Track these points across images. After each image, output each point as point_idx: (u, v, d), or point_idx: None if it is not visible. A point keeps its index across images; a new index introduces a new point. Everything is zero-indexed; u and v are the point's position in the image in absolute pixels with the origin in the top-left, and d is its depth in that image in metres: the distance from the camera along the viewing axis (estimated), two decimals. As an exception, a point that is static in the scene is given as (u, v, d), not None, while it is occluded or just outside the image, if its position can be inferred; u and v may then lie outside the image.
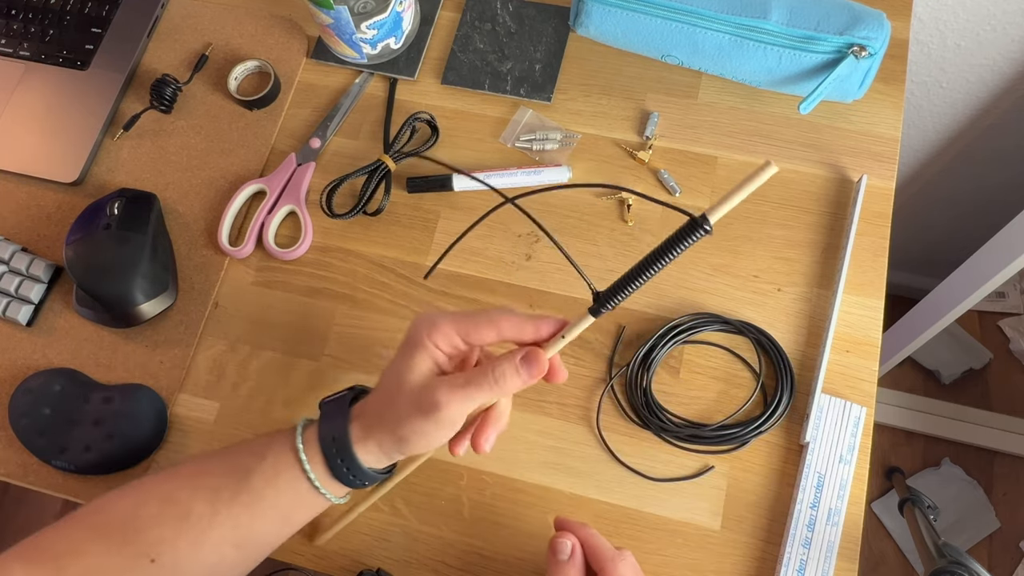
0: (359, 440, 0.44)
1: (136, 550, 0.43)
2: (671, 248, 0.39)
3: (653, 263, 0.40)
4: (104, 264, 0.61)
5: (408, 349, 0.44)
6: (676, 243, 0.39)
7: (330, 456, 0.44)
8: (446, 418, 0.42)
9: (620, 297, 0.42)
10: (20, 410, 0.59)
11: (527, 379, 0.43)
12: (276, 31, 0.73)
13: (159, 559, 0.43)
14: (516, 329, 0.44)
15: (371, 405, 0.45)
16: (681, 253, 0.39)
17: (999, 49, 0.83)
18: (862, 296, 0.60)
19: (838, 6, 0.59)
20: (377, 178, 0.65)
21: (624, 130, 0.67)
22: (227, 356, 0.63)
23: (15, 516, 1.49)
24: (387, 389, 0.45)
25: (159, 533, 0.43)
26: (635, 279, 0.41)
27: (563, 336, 0.43)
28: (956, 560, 0.76)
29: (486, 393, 0.42)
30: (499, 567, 0.56)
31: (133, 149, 0.70)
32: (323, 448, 0.44)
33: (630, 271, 0.41)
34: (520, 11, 0.71)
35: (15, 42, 0.73)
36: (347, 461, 0.44)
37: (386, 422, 0.44)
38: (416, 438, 0.43)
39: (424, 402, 0.42)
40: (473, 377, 0.42)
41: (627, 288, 0.41)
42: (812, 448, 0.55)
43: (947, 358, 1.47)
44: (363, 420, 0.44)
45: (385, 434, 0.44)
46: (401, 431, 0.43)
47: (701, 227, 0.38)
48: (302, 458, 0.44)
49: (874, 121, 0.65)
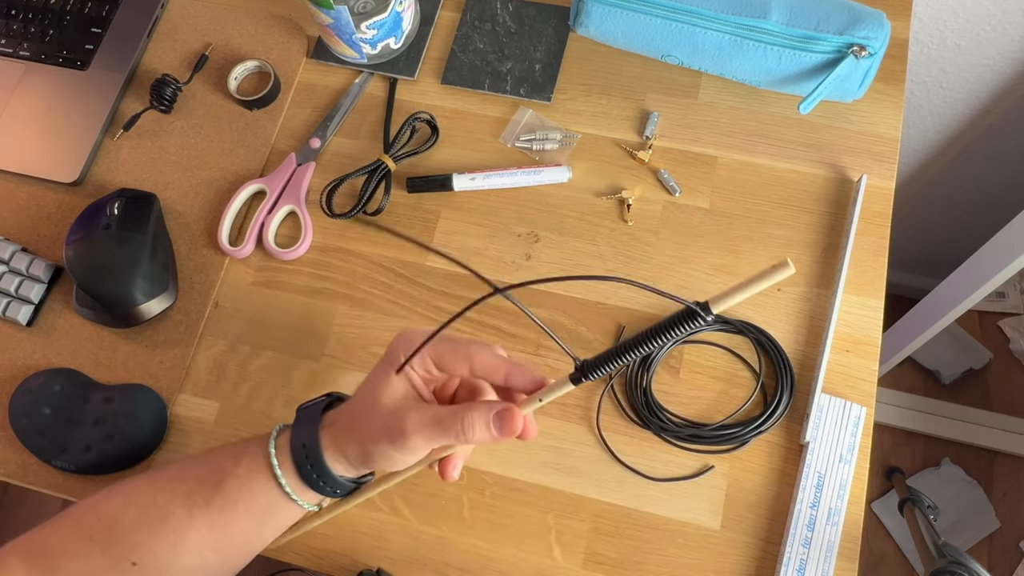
0: (329, 448, 0.44)
1: (119, 553, 0.43)
2: (666, 331, 0.37)
3: (644, 343, 0.38)
4: (104, 264, 0.61)
5: (386, 367, 0.44)
6: (672, 327, 0.37)
7: (300, 463, 0.44)
8: (409, 447, 0.41)
9: (603, 370, 0.40)
10: (20, 410, 0.59)
11: (496, 437, 0.41)
12: (276, 31, 0.73)
13: (140, 562, 0.43)
14: (488, 371, 0.44)
15: (344, 415, 0.45)
16: (677, 338, 0.38)
17: (999, 49, 0.83)
18: (862, 296, 0.60)
19: (838, 6, 0.59)
20: (377, 178, 0.65)
21: (624, 130, 0.67)
22: (227, 356, 0.63)
23: (15, 516, 1.49)
24: (361, 402, 0.44)
25: (139, 537, 0.43)
26: (622, 355, 0.39)
27: (540, 399, 0.42)
28: (956, 560, 0.77)
29: (451, 438, 0.41)
30: (499, 567, 0.56)
31: (133, 149, 0.70)
32: (294, 455, 0.44)
33: (619, 346, 0.39)
34: (520, 11, 0.71)
35: (15, 42, 0.73)
36: (317, 468, 0.44)
37: (355, 435, 0.43)
38: (380, 458, 0.43)
39: (391, 427, 0.42)
40: (443, 418, 0.41)
41: (612, 363, 0.39)
42: (812, 448, 0.55)
43: (947, 358, 1.47)
44: (334, 429, 0.44)
45: (352, 446, 0.43)
46: (367, 448, 0.43)
47: (701, 316, 0.35)
48: (273, 463, 0.44)
49: (874, 121, 0.65)
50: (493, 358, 0.43)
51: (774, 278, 0.34)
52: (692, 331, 0.37)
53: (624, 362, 0.39)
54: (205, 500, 0.44)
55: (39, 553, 0.44)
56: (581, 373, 0.40)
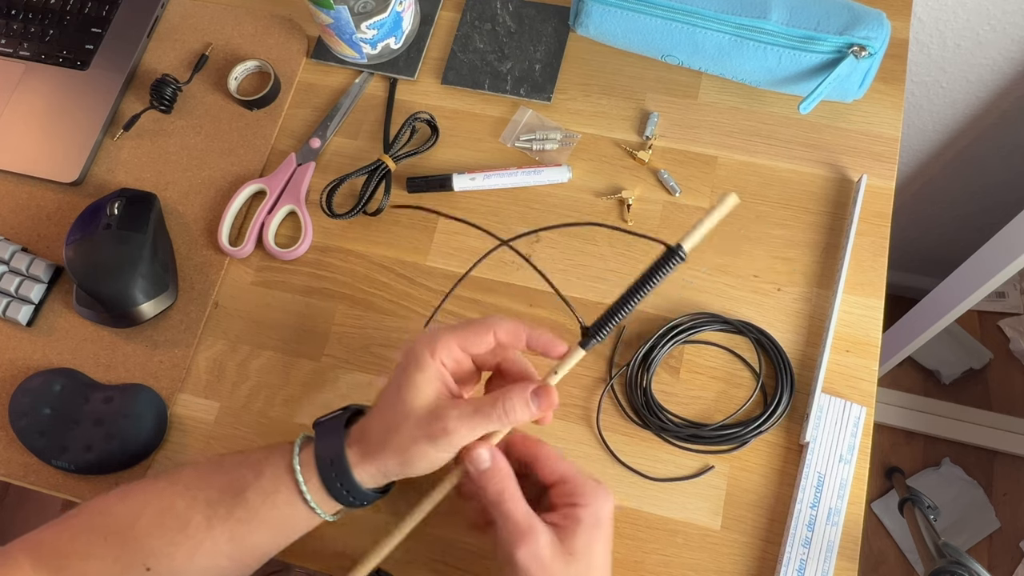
0: (358, 464, 0.44)
1: (133, 558, 0.43)
2: (651, 276, 0.43)
3: (635, 293, 0.43)
4: (104, 264, 0.61)
5: (411, 370, 0.44)
6: (656, 271, 0.43)
7: (327, 479, 0.44)
8: (455, 444, 0.42)
9: (607, 329, 0.44)
10: (20, 410, 0.59)
11: (536, 413, 0.43)
12: (276, 31, 0.73)
13: (155, 568, 0.43)
14: (511, 336, 0.45)
15: (373, 429, 0.45)
16: (661, 281, 0.43)
17: (999, 49, 0.83)
18: (862, 296, 0.60)
19: (838, 6, 0.59)
20: (377, 178, 0.65)
21: (624, 130, 0.67)
22: (227, 356, 0.63)
23: (16, 516, 1.49)
24: (390, 412, 0.44)
25: (156, 543, 0.44)
26: (620, 310, 0.44)
27: (555, 372, 0.45)
28: (956, 560, 0.77)
29: (494, 423, 0.43)
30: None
31: (133, 149, 0.70)
32: (320, 471, 0.44)
33: (614, 303, 0.44)
34: (520, 11, 0.71)
35: (15, 42, 0.73)
36: (346, 484, 0.44)
37: (390, 446, 0.43)
38: (420, 461, 0.43)
39: (434, 428, 0.42)
40: (482, 407, 0.43)
41: (613, 319, 0.44)
42: (812, 448, 0.55)
43: (947, 358, 1.47)
44: (363, 445, 0.44)
45: (390, 457, 0.44)
46: (407, 455, 0.43)
47: (676, 254, 0.42)
48: (299, 479, 0.44)
49: (874, 121, 0.65)
50: (513, 323, 0.45)
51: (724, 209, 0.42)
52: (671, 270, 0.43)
53: (622, 316, 0.44)
54: (227, 511, 0.44)
55: (48, 551, 0.44)
56: (588, 336, 0.44)
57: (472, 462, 0.44)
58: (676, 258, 0.42)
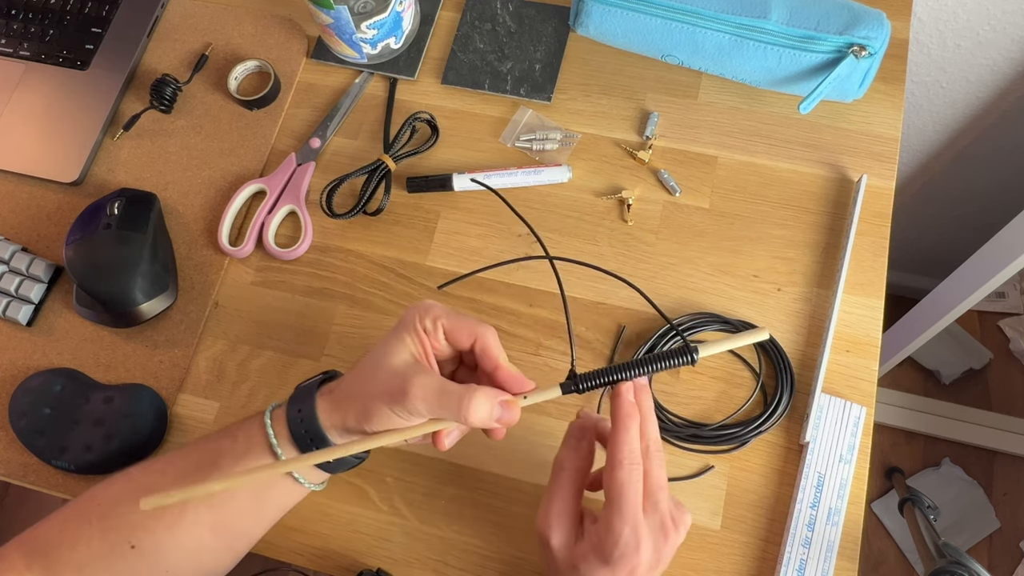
0: (325, 412, 0.44)
1: (118, 536, 0.44)
2: (656, 362, 0.43)
3: (635, 367, 0.43)
4: (104, 264, 0.61)
5: (397, 331, 0.44)
6: (663, 360, 0.43)
7: (296, 430, 0.44)
8: (409, 409, 0.41)
9: (593, 384, 0.43)
10: (20, 410, 0.59)
11: (494, 423, 0.42)
12: (276, 31, 0.73)
13: (139, 545, 0.43)
14: (487, 353, 0.44)
15: (345, 381, 0.45)
16: (663, 370, 0.43)
17: (999, 49, 0.83)
18: (862, 296, 0.60)
19: (838, 6, 0.59)
20: (377, 178, 0.65)
21: (624, 130, 0.67)
22: (227, 356, 0.63)
23: (16, 516, 1.49)
24: (367, 364, 0.44)
25: (137, 519, 0.44)
26: (614, 375, 0.43)
27: (526, 396, 0.43)
28: (956, 560, 0.77)
29: (452, 412, 0.41)
30: (499, 567, 0.56)
31: (133, 149, 0.70)
32: (289, 423, 0.44)
33: (612, 367, 0.43)
34: (520, 11, 0.71)
35: (15, 42, 0.73)
36: (312, 432, 0.43)
37: (353, 395, 0.43)
38: (378, 419, 0.42)
39: (393, 386, 0.42)
40: (448, 389, 0.41)
41: (603, 379, 0.43)
42: (812, 448, 0.55)
43: (947, 358, 1.47)
44: (333, 395, 0.44)
45: (350, 408, 0.43)
46: (364, 407, 0.42)
47: (690, 356, 0.43)
48: (269, 433, 0.44)
49: (874, 121, 0.65)
50: (495, 345, 0.44)
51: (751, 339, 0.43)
52: (677, 366, 0.43)
53: (613, 381, 0.43)
54: (203, 478, 0.44)
55: (40, 545, 0.44)
56: (573, 383, 0.44)
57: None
58: (688, 358, 0.43)
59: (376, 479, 0.58)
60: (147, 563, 0.44)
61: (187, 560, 0.45)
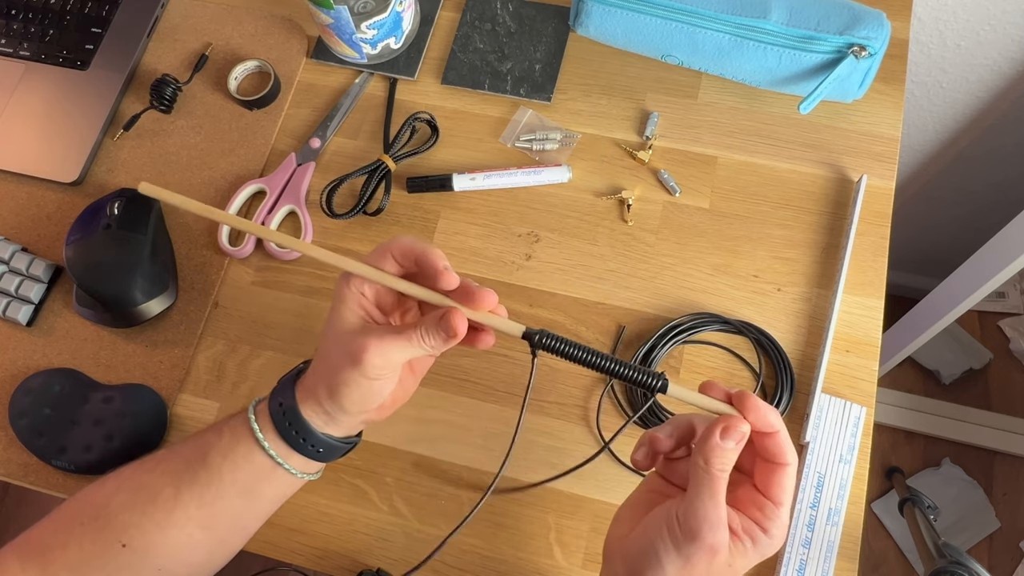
0: (303, 399, 0.44)
1: (109, 536, 0.44)
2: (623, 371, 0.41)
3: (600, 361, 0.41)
4: (104, 264, 0.61)
5: (335, 304, 0.44)
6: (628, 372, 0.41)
7: (279, 422, 0.44)
8: (371, 366, 0.41)
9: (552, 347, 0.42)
10: (20, 410, 0.59)
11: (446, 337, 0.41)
12: (276, 31, 0.73)
13: (130, 543, 0.44)
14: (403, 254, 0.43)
15: (312, 366, 0.45)
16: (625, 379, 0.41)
17: (999, 49, 0.83)
18: (862, 296, 0.60)
19: (838, 6, 0.59)
20: (377, 178, 0.65)
21: (624, 130, 0.67)
22: (227, 356, 0.63)
23: (15, 516, 1.49)
24: (323, 345, 0.45)
25: (128, 518, 0.44)
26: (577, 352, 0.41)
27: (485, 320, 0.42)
28: (956, 560, 0.77)
29: (415, 346, 0.42)
30: (499, 567, 0.56)
31: (133, 149, 0.70)
32: (272, 415, 0.44)
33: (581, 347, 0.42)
34: (520, 11, 0.71)
35: (15, 42, 0.73)
36: (296, 424, 0.44)
37: (320, 376, 0.43)
38: (346, 389, 0.42)
39: (352, 348, 0.41)
40: (403, 329, 0.42)
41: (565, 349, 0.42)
42: (812, 448, 0.55)
43: (947, 358, 1.47)
44: (304, 383, 0.45)
45: (321, 388, 0.43)
46: (333, 380, 0.42)
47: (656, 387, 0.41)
48: (254, 427, 0.44)
49: (874, 121, 0.65)
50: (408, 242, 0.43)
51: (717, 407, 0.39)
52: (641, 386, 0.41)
53: (572, 356, 0.41)
54: (191, 475, 0.44)
55: (34, 548, 0.45)
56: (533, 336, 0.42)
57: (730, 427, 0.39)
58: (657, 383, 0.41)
59: (376, 479, 0.58)
60: (138, 561, 0.44)
61: (178, 557, 0.45)
